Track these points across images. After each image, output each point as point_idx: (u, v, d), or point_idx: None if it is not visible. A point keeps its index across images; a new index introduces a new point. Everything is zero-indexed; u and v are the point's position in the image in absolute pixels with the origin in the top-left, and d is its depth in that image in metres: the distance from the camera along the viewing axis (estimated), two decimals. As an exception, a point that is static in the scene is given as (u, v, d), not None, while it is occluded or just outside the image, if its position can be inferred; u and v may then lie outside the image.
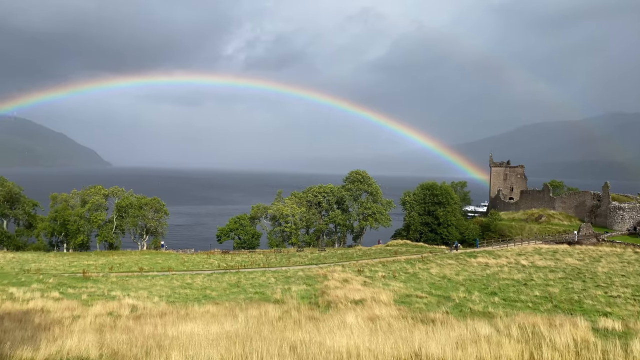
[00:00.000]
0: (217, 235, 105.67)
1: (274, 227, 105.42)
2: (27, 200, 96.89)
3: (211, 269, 58.16)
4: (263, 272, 49.65)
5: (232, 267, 59.88)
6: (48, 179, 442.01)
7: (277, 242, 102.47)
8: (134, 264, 66.52)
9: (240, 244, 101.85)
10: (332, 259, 70.83)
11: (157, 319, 19.43)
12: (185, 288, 37.62)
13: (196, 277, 45.67)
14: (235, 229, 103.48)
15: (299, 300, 27.31)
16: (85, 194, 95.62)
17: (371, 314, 18.33)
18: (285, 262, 68.11)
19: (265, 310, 20.93)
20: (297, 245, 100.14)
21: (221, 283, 40.67)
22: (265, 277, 44.43)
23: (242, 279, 43.28)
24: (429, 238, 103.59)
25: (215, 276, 46.64)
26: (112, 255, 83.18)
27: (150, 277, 45.42)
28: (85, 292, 32.26)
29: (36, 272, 47.21)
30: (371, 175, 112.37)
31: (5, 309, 23.22)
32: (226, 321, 17.89)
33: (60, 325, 17.34)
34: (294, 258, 75.14)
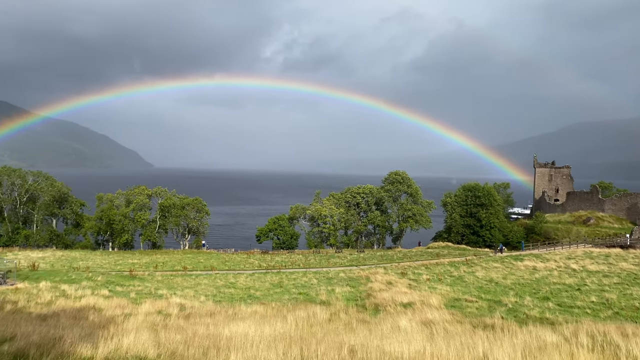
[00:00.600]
0: (257, 236, 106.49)
1: (313, 227, 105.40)
2: (75, 200, 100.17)
3: (252, 269, 58.51)
4: (304, 272, 49.54)
5: (272, 267, 60.10)
6: (93, 180, 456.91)
7: (315, 242, 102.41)
8: (177, 263, 67.65)
9: (279, 245, 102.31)
10: (372, 260, 70.13)
11: (207, 318, 19.45)
12: (230, 287, 37.85)
13: (239, 277, 45.96)
14: (274, 230, 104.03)
15: (345, 302, 26.97)
16: (129, 194, 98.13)
17: (424, 318, 17.79)
18: (325, 263, 67.86)
19: (313, 311, 20.67)
20: (335, 247, 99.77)
21: (264, 283, 40.76)
22: (307, 278, 44.29)
23: (284, 279, 43.26)
24: (471, 240, 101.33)
25: (258, 276, 46.83)
26: (156, 254, 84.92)
27: (194, 276, 46.01)
28: (133, 290, 32.86)
29: (85, 270, 48.57)
30: (410, 176, 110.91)
31: (59, 305, 23.82)
32: (276, 322, 17.70)
33: (114, 323, 17.54)
34: (333, 259, 74.83)
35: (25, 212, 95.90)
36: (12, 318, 18.25)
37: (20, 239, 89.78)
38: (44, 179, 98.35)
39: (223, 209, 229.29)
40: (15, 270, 41.36)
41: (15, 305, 22.85)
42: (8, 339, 13.62)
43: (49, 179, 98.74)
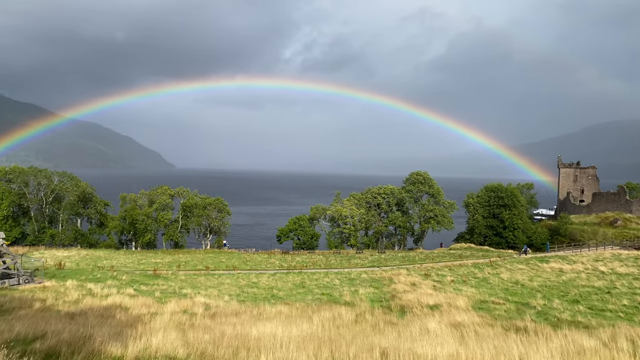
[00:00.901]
0: (277, 236, 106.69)
1: (333, 228, 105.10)
2: (99, 200, 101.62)
3: (274, 269, 58.56)
4: (326, 273, 49.36)
5: (294, 268, 60.03)
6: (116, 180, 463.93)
7: (335, 243, 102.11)
8: (199, 263, 68.14)
9: (300, 245, 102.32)
10: (394, 261, 69.57)
11: (233, 318, 19.41)
12: (252, 287, 37.88)
13: (261, 277, 46.03)
14: (295, 230, 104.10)
15: (370, 304, 26.71)
16: (152, 195, 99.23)
17: (453, 321, 17.46)
18: (346, 263, 67.59)
19: (338, 312, 20.48)
20: (356, 247, 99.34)
21: (286, 283, 40.71)
22: (328, 279, 44.10)
23: (306, 280, 43.15)
24: (494, 242, 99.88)
25: (279, 276, 46.83)
26: (178, 253, 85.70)
27: (217, 276, 46.22)
28: (157, 290, 33.09)
29: (110, 269, 49.18)
30: (431, 176, 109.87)
31: (86, 304, 24.06)
32: (302, 323, 17.55)
33: (141, 322, 17.60)
34: (354, 260, 74.50)
35: (51, 211, 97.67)
36: (42, 316, 18.47)
37: (46, 238, 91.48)
38: (69, 179, 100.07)
39: (243, 209, 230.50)
40: (43, 268, 42.07)
41: (44, 303, 23.16)
42: (39, 337, 13.74)
43: (74, 179, 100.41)
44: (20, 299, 23.38)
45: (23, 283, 36.13)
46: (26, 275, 37.11)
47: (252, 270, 53.69)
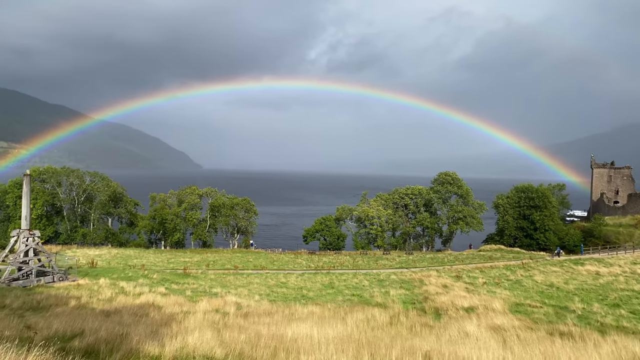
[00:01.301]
0: (304, 236, 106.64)
1: (359, 229, 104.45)
2: (129, 199, 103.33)
3: (301, 269, 58.46)
4: (354, 274, 48.98)
5: (321, 268, 59.85)
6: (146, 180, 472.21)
7: (362, 244, 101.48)
8: (227, 262, 68.57)
9: (326, 245, 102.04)
10: (422, 263, 68.70)
11: (265, 318, 19.26)
12: (281, 287, 37.80)
13: (289, 277, 45.95)
14: (321, 230, 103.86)
15: (402, 305, 26.27)
16: (181, 194, 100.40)
17: (491, 324, 16.94)
18: (373, 264, 67.06)
19: (371, 314, 20.13)
20: (383, 248, 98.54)
21: (315, 283, 40.51)
22: (357, 279, 43.72)
23: (335, 280, 42.87)
24: (524, 243, 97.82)
25: (308, 276, 46.67)
26: (206, 253, 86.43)
27: (245, 275, 46.33)
28: (188, 288, 33.28)
29: (141, 267, 49.81)
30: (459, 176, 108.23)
31: (120, 302, 24.28)
32: (336, 324, 17.27)
33: (175, 321, 17.59)
34: (381, 261, 73.89)
35: (83, 211, 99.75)
36: (78, 313, 18.65)
37: (78, 237, 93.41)
38: (100, 179, 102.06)
39: (269, 209, 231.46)
40: (76, 267, 42.85)
41: (79, 300, 23.45)
42: (77, 335, 13.81)
43: (105, 179, 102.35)
44: (56, 297, 23.74)
45: (57, 281, 36.84)
46: (60, 273, 37.84)
47: (279, 270, 53.67)
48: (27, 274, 36.69)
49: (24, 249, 36.98)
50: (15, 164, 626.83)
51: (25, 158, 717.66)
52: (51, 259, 38.33)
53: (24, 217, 37.99)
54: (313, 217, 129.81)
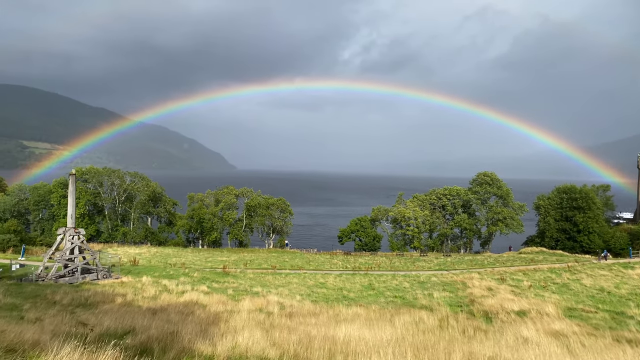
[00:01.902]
0: (339, 237, 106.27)
1: (395, 230, 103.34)
2: (168, 199, 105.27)
3: (338, 270, 58.01)
4: (393, 275, 48.25)
5: (359, 269, 59.24)
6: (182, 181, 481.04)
7: (398, 245, 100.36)
8: (263, 262, 68.78)
9: (361, 246, 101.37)
10: (461, 265, 67.24)
11: (311, 318, 18.94)
12: (321, 287, 37.49)
13: (327, 277, 45.59)
14: (356, 231, 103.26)
15: (449, 308, 25.53)
16: (218, 194, 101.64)
17: (548, 329, 16.14)
18: (411, 266, 66.01)
19: (419, 317, 19.54)
20: (419, 250, 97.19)
21: (354, 284, 40.04)
22: (397, 281, 43.00)
23: (374, 282, 42.29)
24: (567, 246, 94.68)
25: (346, 277, 46.21)
26: (243, 252, 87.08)
27: (284, 275, 46.23)
28: (229, 287, 33.33)
29: (181, 266, 50.38)
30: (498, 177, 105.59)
31: (164, 300, 24.42)
32: (384, 326, 16.79)
33: (221, 320, 17.47)
34: (419, 262, 72.65)
35: (123, 210, 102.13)
36: (125, 311, 18.77)
37: (118, 235, 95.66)
38: (140, 179, 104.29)
39: (303, 209, 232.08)
40: (119, 264, 43.66)
41: (125, 298, 23.70)
42: (128, 332, 13.80)
43: (145, 179, 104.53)
44: (102, 294, 24.07)
45: (101, 278, 37.56)
46: (104, 270, 38.58)
47: (317, 271, 53.38)
48: (72, 271, 37.55)
49: (70, 246, 37.87)
50: (58, 164, 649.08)
51: (68, 159, 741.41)
52: (95, 257, 39.13)
53: (69, 216, 38.89)
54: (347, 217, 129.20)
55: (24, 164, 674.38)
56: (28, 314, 15.71)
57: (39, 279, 35.13)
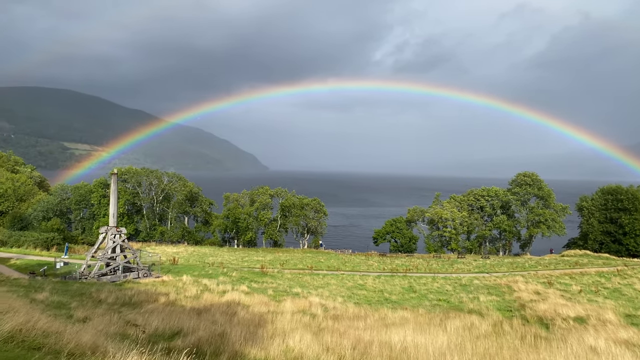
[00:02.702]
0: (374, 238, 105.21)
1: (432, 231, 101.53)
2: (204, 199, 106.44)
3: (375, 271, 57.13)
4: (433, 277, 47.11)
5: (396, 271, 58.23)
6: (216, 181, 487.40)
7: (435, 247, 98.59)
8: (299, 262, 68.48)
9: (397, 247, 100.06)
10: (501, 268, 65.29)
11: (358, 321, 18.32)
12: (360, 289, 36.82)
13: (366, 279, 44.85)
14: (392, 232, 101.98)
15: (499, 313, 24.47)
16: (253, 194, 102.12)
17: (616, 338, 15.04)
18: (449, 268, 64.49)
19: (470, 322, 18.65)
20: (457, 252, 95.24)
21: (394, 286, 39.18)
22: (438, 284, 41.90)
23: (414, 284, 41.31)
24: (612, 249, 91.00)
25: (385, 279, 45.34)
26: (278, 252, 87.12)
27: (321, 276, 45.74)
28: (268, 288, 33.04)
29: (220, 265, 50.52)
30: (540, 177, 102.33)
31: (206, 299, 24.22)
32: (436, 331, 16.04)
33: (268, 322, 17.06)
34: (457, 265, 70.96)
35: (161, 210, 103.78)
36: (170, 310, 18.58)
37: (156, 234, 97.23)
38: (177, 179, 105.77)
39: (335, 209, 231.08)
40: (159, 263, 44.03)
41: (167, 297, 23.62)
42: (176, 333, 13.51)
43: (182, 180, 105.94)
44: (145, 293, 24.06)
45: (142, 277, 37.89)
46: (145, 269, 38.91)
47: (354, 272, 52.67)
48: (114, 270, 38.01)
49: (112, 245, 38.34)
50: (97, 165, 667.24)
51: (106, 160, 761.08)
52: (136, 256, 39.52)
53: (111, 215, 39.39)
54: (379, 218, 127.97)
55: (65, 164, 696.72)
56: (76, 312, 15.66)
57: (82, 277, 35.66)
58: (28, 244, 55.40)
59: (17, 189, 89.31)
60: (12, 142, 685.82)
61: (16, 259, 44.31)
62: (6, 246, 53.36)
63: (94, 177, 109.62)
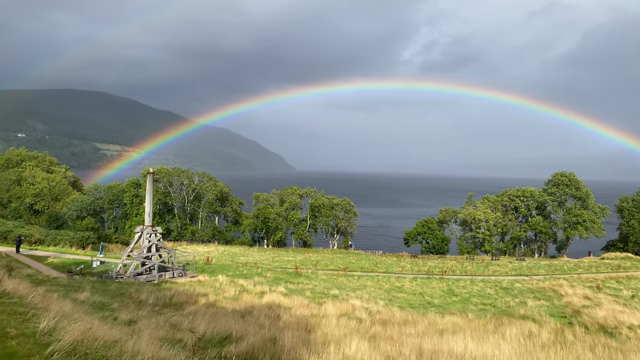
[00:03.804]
0: (404, 239, 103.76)
1: (465, 232, 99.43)
2: (235, 198, 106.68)
3: (409, 273, 55.92)
4: (471, 280, 45.61)
5: (431, 273, 56.84)
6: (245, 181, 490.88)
7: (468, 248, 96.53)
8: (329, 262, 67.68)
9: (429, 249, 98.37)
10: (539, 270, 63.20)
11: (406, 327, 17.40)
12: (399, 291, 35.78)
13: (402, 280, 43.70)
14: (423, 233, 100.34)
15: (553, 319, 23.17)
16: (283, 194, 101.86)
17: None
18: (484, 270, 62.75)
19: (528, 329, 17.52)
20: (490, 253, 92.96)
21: (433, 289, 37.98)
22: (477, 287, 40.48)
23: (453, 287, 40.00)
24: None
25: (421, 281, 44.10)
26: (307, 252, 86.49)
27: (356, 277, 44.82)
28: (305, 289, 32.33)
29: (253, 265, 50.15)
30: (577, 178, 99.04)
31: (246, 301, 23.64)
32: (496, 339, 15.01)
33: (316, 326, 16.30)
34: (492, 267, 69.05)
35: (192, 209, 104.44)
36: (212, 313, 18.01)
37: (187, 234, 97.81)
38: (207, 179, 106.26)
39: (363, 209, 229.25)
40: (193, 263, 43.86)
41: (207, 298, 23.12)
42: (225, 338, 12.88)
43: (212, 179, 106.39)
44: (184, 294, 23.63)
45: (177, 276, 37.68)
46: (179, 269, 38.72)
47: (388, 274, 51.56)
48: (149, 269, 37.91)
49: (147, 244, 38.26)
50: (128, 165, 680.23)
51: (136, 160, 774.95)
52: (171, 255, 39.36)
53: (147, 214, 39.34)
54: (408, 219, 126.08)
55: (97, 164, 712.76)
56: (120, 314, 15.21)
57: (118, 276, 35.62)
58: (64, 243, 56.14)
59: (52, 189, 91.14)
60: (47, 143, 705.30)
61: (53, 257, 44.78)
62: (43, 245, 54.14)
63: (125, 177, 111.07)
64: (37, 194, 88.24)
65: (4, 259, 37.00)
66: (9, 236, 53.89)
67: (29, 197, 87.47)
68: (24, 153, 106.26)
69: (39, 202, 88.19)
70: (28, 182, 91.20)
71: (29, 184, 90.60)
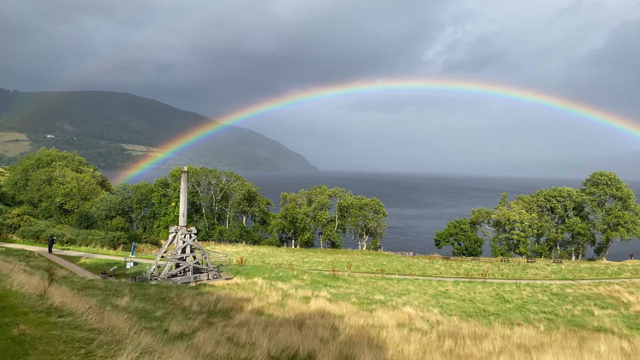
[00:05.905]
0: (435, 240, 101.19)
1: (498, 233, 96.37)
2: (262, 198, 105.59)
3: (447, 276, 53.80)
4: (516, 285, 43.27)
5: (471, 276, 54.60)
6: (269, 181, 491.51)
7: (502, 250, 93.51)
8: (360, 264, 65.90)
9: (461, 250, 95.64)
10: (580, 273, 60.37)
11: (482, 342, 15.57)
12: (445, 297, 33.83)
13: (444, 285, 41.63)
14: (455, 234, 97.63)
15: (632, 332, 21.05)
16: (311, 194, 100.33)
17: None
18: (522, 273, 60.18)
19: (619, 345, 15.54)
20: (525, 255, 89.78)
21: (480, 294, 35.89)
22: (526, 292, 38.20)
23: (500, 292, 37.81)
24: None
25: (464, 285, 41.97)
26: (337, 253, 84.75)
27: (395, 281, 42.91)
28: (349, 294, 30.67)
29: (288, 267, 48.71)
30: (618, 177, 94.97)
31: (293, 307, 22.10)
32: (590, 358, 13.14)
33: (382, 342, 14.62)
34: (530, 270, 66.25)
35: (220, 209, 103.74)
36: (264, 322, 16.48)
37: (215, 234, 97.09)
38: (235, 179, 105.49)
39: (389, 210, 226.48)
40: (228, 264, 42.58)
41: (251, 304, 21.65)
42: (293, 357, 11.30)
43: (240, 179, 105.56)
44: (227, 299, 22.18)
45: (212, 278, 36.40)
46: (214, 270, 37.44)
47: (429, 277, 49.55)
48: (184, 271, 36.75)
49: (182, 245, 37.11)
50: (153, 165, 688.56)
51: (161, 160, 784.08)
52: (206, 256, 38.13)
53: (181, 214, 38.24)
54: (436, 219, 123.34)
55: (123, 165, 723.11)
56: (170, 325, 13.78)
57: (153, 278, 34.51)
58: (95, 243, 55.58)
59: (81, 188, 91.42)
60: (75, 143, 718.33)
61: (86, 257, 44.08)
62: (75, 244, 53.66)
63: (150, 177, 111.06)
64: (67, 193, 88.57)
65: (40, 261, 36.24)
66: (41, 235, 53.56)
67: (59, 197, 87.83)
68: (54, 153, 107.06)
69: (69, 201, 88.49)
70: (58, 181, 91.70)
71: (59, 183, 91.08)
